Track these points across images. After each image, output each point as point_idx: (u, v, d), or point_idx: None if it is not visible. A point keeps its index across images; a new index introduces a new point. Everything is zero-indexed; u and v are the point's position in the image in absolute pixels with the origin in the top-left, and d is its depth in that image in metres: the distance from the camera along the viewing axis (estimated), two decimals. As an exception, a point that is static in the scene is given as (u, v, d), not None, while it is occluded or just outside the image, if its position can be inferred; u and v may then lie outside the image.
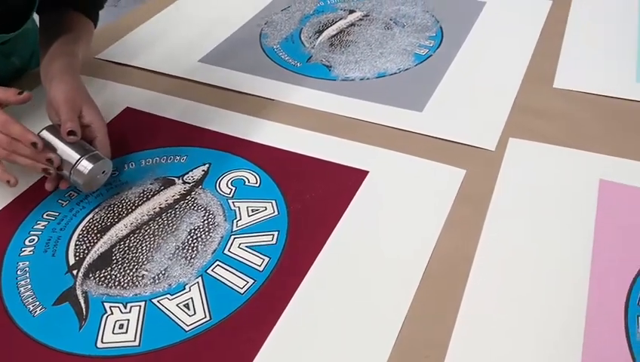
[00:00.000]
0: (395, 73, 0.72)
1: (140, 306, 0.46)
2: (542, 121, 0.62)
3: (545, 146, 0.58)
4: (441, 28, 0.79)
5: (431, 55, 0.74)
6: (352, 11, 0.85)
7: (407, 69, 0.72)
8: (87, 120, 0.55)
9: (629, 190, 0.53)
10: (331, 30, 0.81)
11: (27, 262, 0.50)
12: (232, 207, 0.54)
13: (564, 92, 0.66)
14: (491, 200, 0.53)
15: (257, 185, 0.56)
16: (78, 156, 0.52)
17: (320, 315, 0.44)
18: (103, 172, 0.54)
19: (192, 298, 0.46)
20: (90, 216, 0.54)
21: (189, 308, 0.45)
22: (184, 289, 0.47)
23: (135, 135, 0.64)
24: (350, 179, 0.56)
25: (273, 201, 0.54)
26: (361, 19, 0.83)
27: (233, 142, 0.62)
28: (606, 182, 0.54)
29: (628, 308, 0.43)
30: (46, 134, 0.53)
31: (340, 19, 0.83)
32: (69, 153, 0.53)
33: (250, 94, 0.69)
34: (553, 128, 0.61)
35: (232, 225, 0.52)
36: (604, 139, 0.59)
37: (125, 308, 0.46)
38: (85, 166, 0.52)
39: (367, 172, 0.57)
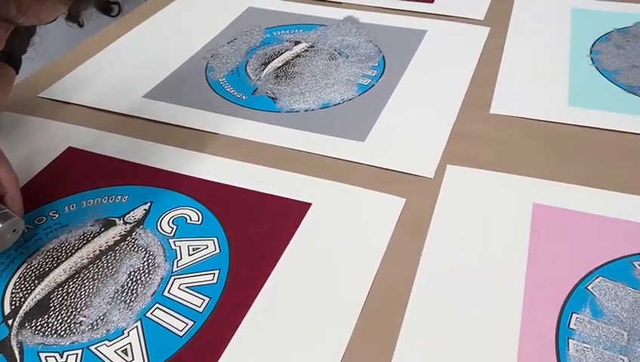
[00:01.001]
0: (339, 103, 0.73)
1: (77, 354, 0.45)
2: (479, 146, 0.64)
3: (481, 172, 0.60)
4: (383, 57, 0.81)
5: (374, 85, 0.76)
6: (297, 42, 0.86)
7: (350, 99, 0.73)
8: None
9: (561, 212, 0.55)
10: (277, 62, 0.82)
11: (-40, 314, 0.49)
12: (173, 247, 0.53)
13: (501, 117, 0.68)
14: (429, 228, 0.54)
15: (199, 222, 0.56)
16: None
17: (260, 352, 0.44)
18: (14, 231, 0.51)
19: (130, 343, 0.45)
20: (28, 261, 0.53)
21: (127, 354, 0.45)
22: (123, 334, 0.46)
23: (77, 175, 0.63)
24: (293, 212, 0.57)
25: (215, 239, 0.54)
26: (306, 51, 0.84)
27: (176, 178, 0.61)
28: (539, 205, 0.56)
29: (559, 330, 0.45)
30: None
31: (286, 50, 0.84)
32: None
33: (194, 129, 0.69)
34: (489, 154, 0.63)
35: (173, 266, 0.52)
36: (538, 163, 0.61)
37: (62, 357, 0.45)
38: None
39: (310, 204, 0.57)
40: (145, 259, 0.52)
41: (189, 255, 0.52)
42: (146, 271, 0.51)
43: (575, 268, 0.50)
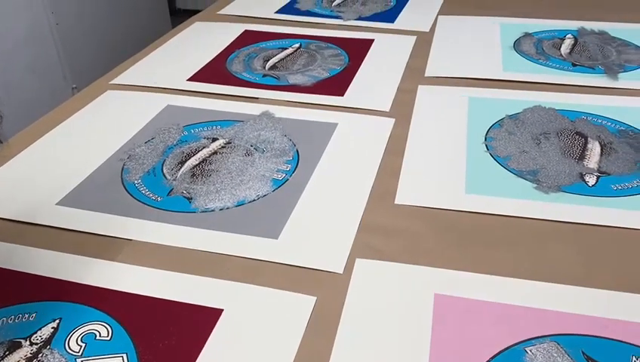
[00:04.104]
0: (254, 200, 0.75)
1: None
2: (385, 238, 0.67)
3: (386, 264, 0.63)
4: (297, 151, 0.85)
5: (288, 179, 0.79)
6: (215, 139, 0.89)
7: (265, 195, 0.76)
8: None
9: (459, 302, 0.58)
10: (193, 160, 0.84)
11: None
12: (80, 368, 0.52)
13: (404, 207, 0.72)
14: (339, 326, 0.56)
15: (109, 338, 0.55)
16: None
17: None
18: None
19: None
20: None
21: None
22: None
23: (-18, 294, 0.61)
24: (205, 320, 0.57)
25: (124, 355, 0.53)
26: (223, 147, 0.87)
27: (87, 291, 0.61)
28: (440, 295, 0.59)
29: (459, 424, 0.47)
30: None
31: (203, 147, 0.87)
32: None
33: (107, 236, 0.69)
34: (395, 245, 0.66)
35: (79, 389, 0.51)
36: (439, 252, 0.65)
37: None
38: None
39: (222, 310, 0.58)
40: (49, 384, 0.51)
41: (96, 375, 0.52)
42: (50, 398, 0.50)
43: (473, 359, 0.52)
